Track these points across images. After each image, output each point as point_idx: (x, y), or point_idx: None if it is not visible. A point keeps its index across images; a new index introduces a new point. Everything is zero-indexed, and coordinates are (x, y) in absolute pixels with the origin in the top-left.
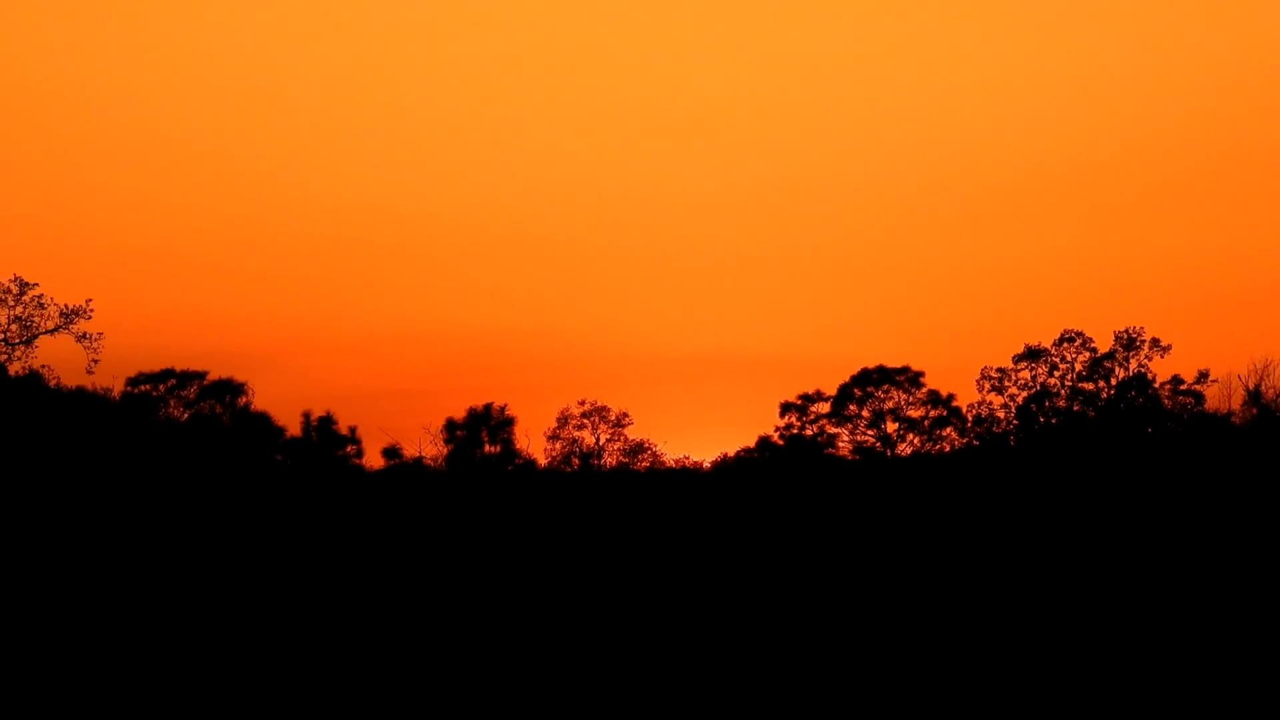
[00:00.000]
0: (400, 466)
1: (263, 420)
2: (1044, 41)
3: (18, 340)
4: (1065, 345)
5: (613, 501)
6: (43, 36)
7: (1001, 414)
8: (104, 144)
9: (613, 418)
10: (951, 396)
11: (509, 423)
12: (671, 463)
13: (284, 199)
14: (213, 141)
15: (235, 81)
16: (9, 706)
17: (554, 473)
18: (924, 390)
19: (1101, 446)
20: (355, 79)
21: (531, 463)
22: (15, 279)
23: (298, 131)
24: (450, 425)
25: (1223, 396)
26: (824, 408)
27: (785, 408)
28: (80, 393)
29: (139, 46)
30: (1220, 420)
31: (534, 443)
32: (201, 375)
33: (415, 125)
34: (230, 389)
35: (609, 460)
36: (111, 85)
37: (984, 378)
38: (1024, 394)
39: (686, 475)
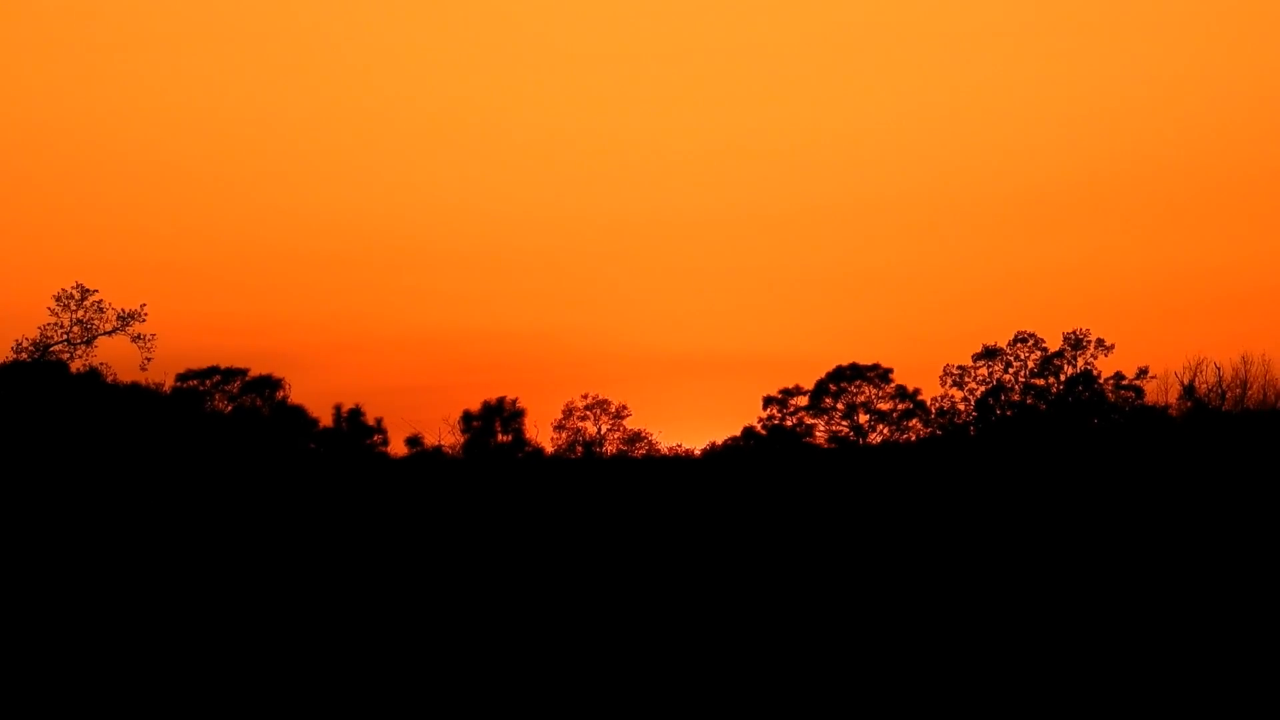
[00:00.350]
0: (422, 454)
1: (298, 412)
2: (1004, 70)
3: (79, 340)
4: (1019, 345)
5: (612, 485)
6: (107, 66)
7: (962, 407)
8: (159, 165)
9: (613, 410)
10: (917, 391)
11: (519, 415)
12: (666, 451)
13: (317, 216)
14: (258, 165)
15: (270, 111)
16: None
17: (560, 459)
18: (892, 385)
19: (1052, 436)
20: (381, 109)
21: (539, 450)
22: (77, 286)
23: (334, 158)
24: (467, 417)
25: (1161, 391)
26: (802, 401)
27: (767, 401)
28: (135, 387)
29: (192, 76)
30: (1158, 412)
31: (542, 432)
32: (243, 372)
33: (435, 152)
34: (269, 384)
35: (609, 448)
36: (160, 113)
37: (946, 374)
38: (982, 389)
39: (679, 462)
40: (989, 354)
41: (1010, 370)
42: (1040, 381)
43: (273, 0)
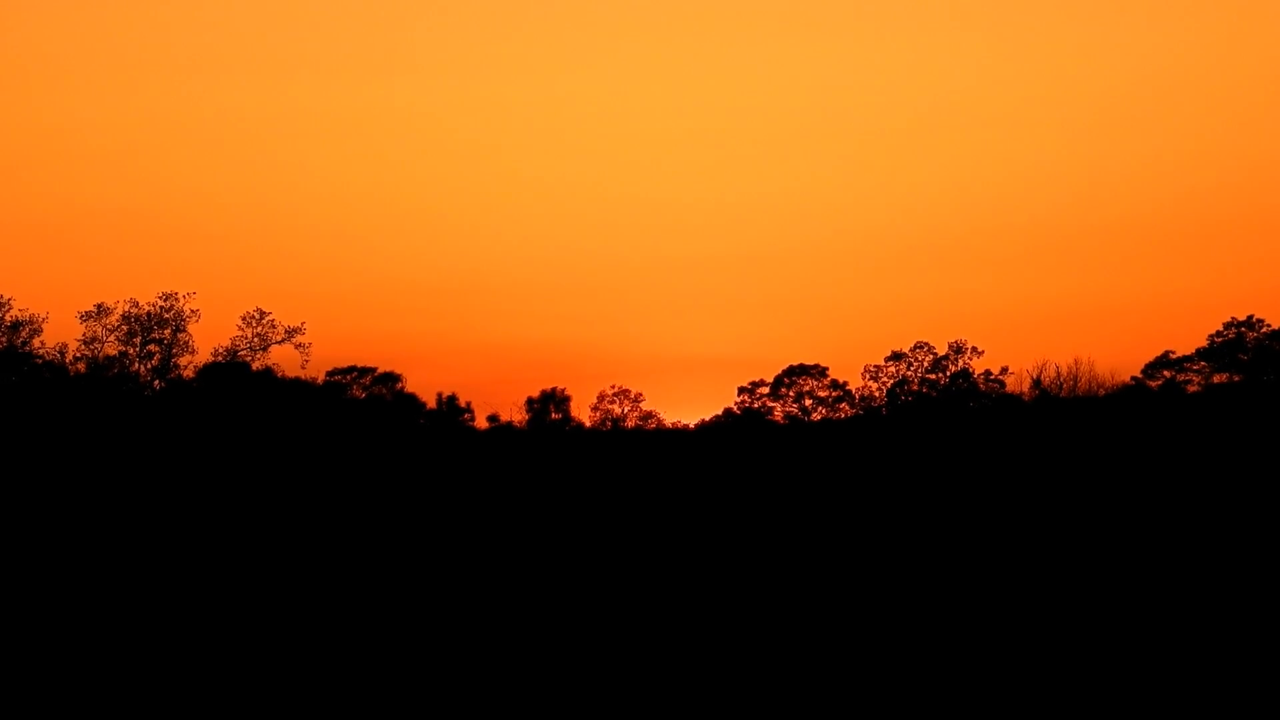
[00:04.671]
0: (498, 428)
1: (411, 399)
2: (893, 153)
3: (258, 348)
4: (918, 350)
5: (632, 449)
6: (283, 147)
7: (878, 395)
8: (316, 221)
9: (632, 396)
10: (846, 383)
11: (566, 400)
12: (670, 425)
13: (425, 257)
14: (385, 223)
15: (390, 184)
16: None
17: (595, 431)
18: (828, 379)
19: (939, 416)
20: (464, 176)
21: (581, 425)
22: (257, 309)
23: (435, 218)
24: (529, 401)
25: (1017, 383)
26: (765, 390)
27: (740, 390)
28: (296, 381)
29: (340, 158)
30: (1015, 399)
31: (582, 412)
32: (373, 370)
33: (506, 208)
34: (391, 378)
35: (629, 423)
36: (323, 185)
37: (866, 371)
38: (891, 382)
39: (679, 433)
40: (896, 357)
41: (911, 369)
42: (933, 377)
43: (402, 80)
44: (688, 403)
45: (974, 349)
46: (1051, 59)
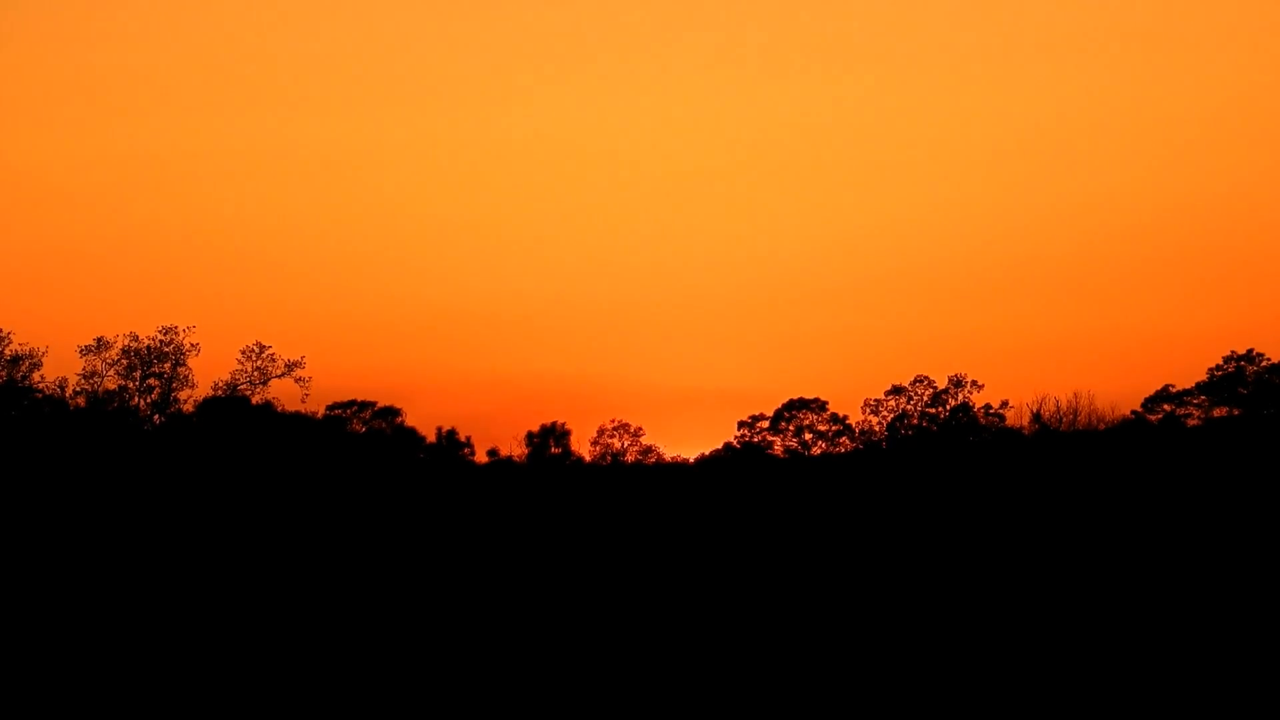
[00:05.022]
0: (498, 462)
1: (411, 433)
2: (893, 197)
3: (258, 382)
4: (917, 384)
5: (631, 483)
6: (285, 181)
7: (878, 429)
8: (314, 260)
9: (632, 430)
10: (846, 417)
11: (567, 434)
12: (669, 459)
13: (425, 294)
14: (386, 261)
15: (384, 228)
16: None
17: (595, 465)
18: (828, 413)
19: (939, 449)
20: (465, 216)
21: (581, 459)
22: (257, 343)
23: (437, 255)
24: (530, 435)
25: (1016, 417)
26: (765, 424)
27: (740, 424)
28: (296, 415)
29: (341, 200)
30: (1014, 432)
31: (582, 446)
32: (373, 404)
33: (505, 246)
34: (391, 412)
35: (629, 457)
36: (320, 224)
37: (866, 405)
38: (891, 416)
39: (679, 467)
40: (896, 391)
41: (911, 402)
42: (933, 411)
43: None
44: (688, 437)
45: (974, 383)
46: (1045, 95)
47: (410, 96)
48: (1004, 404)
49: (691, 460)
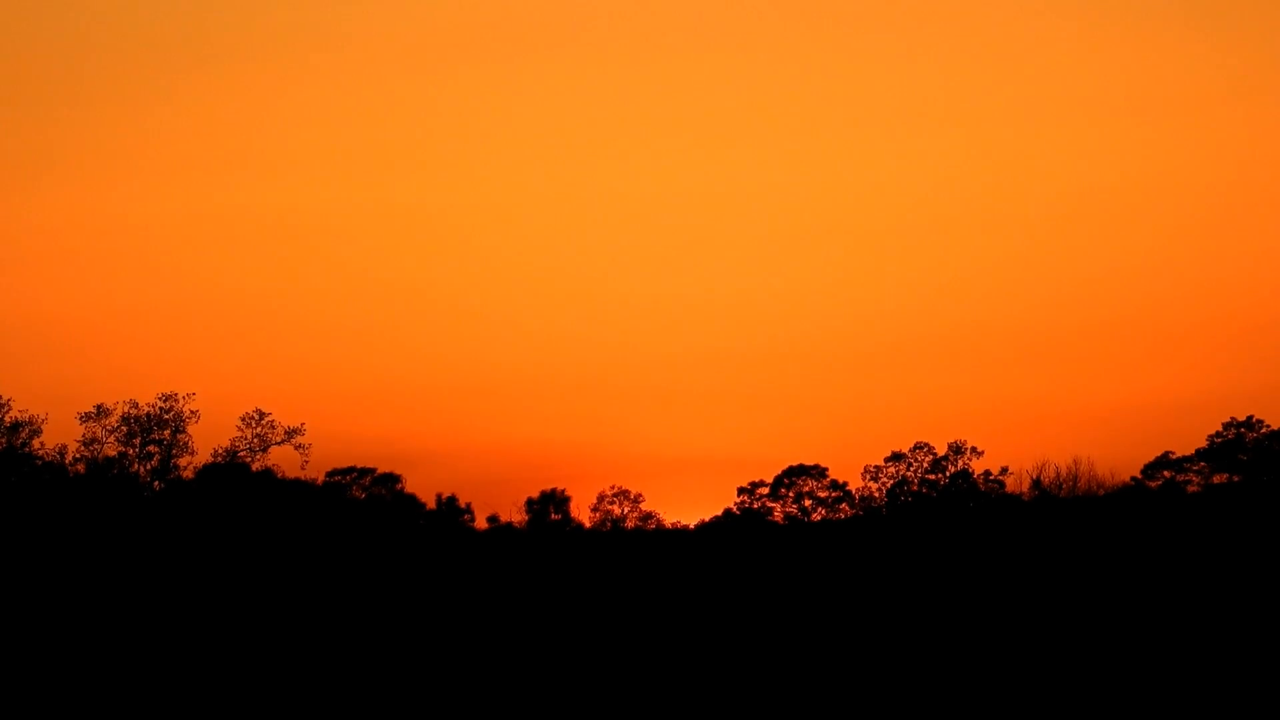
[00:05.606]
0: (499, 528)
1: (411, 499)
2: (889, 260)
3: (257, 449)
4: (917, 451)
5: (632, 549)
6: (285, 257)
7: (878, 495)
8: (311, 327)
9: (632, 497)
10: (846, 483)
11: (567, 500)
12: (669, 525)
13: (422, 361)
14: (382, 331)
15: (382, 295)
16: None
17: (595, 532)
18: (828, 480)
19: (939, 516)
20: (453, 290)
21: (581, 525)
22: (256, 410)
23: (434, 323)
24: (529, 502)
25: (1016, 484)
26: (765, 490)
27: (740, 490)
28: (296, 482)
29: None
30: (1015, 499)
31: (582, 512)
32: (373, 470)
33: (504, 315)
34: (391, 479)
35: (629, 524)
36: (322, 292)
37: (866, 472)
38: (891, 482)
39: (679, 533)
40: (896, 457)
41: (911, 469)
42: (932, 477)
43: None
44: (687, 503)
45: (973, 449)
46: (1050, 159)
47: (410, 164)
48: (1004, 470)
49: (692, 526)
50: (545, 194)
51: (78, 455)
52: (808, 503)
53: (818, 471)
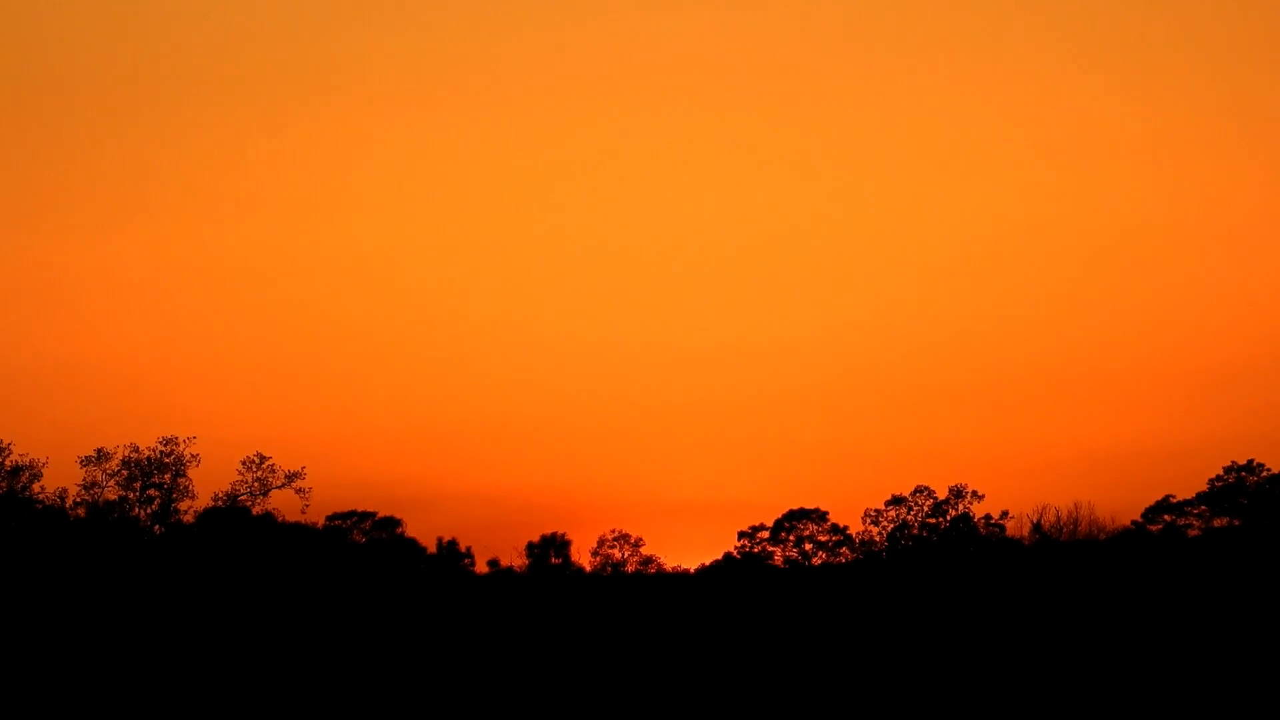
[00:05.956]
0: (499, 572)
1: (411, 543)
2: (893, 307)
3: (258, 492)
4: (918, 494)
5: (632, 593)
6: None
7: (878, 539)
8: (314, 373)
9: (632, 541)
10: (846, 528)
11: (567, 544)
12: (670, 569)
13: (423, 407)
14: (381, 375)
15: (381, 341)
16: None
17: (596, 575)
18: (828, 523)
19: (940, 560)
20: (456, 337)
21: (581, 569)
22: (257, 454)
23: (431, 369)
24: (530, 545)
25: (1017, 528)
26: (765, 534)
27: (740, 534)
28: (297, 526)
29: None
30: (1015, 543)
31: (583, 557)
32: (373, 514)
33: (504, 359)
34: (391, 523)
35: (630, 567)
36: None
37: (866, 515)
38: (891, 526)
39: (679, 577)
40: (896, 501)
41: (912, 512)
42: (933, 521)
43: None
44: (688, 547)
45: (974, 493)
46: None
47: (410, 206)
48: (1004, 514)
49: (692, 570)
50: (547, 240)
51: (78, 499)
52: (808, 546)
53: (818, 515)
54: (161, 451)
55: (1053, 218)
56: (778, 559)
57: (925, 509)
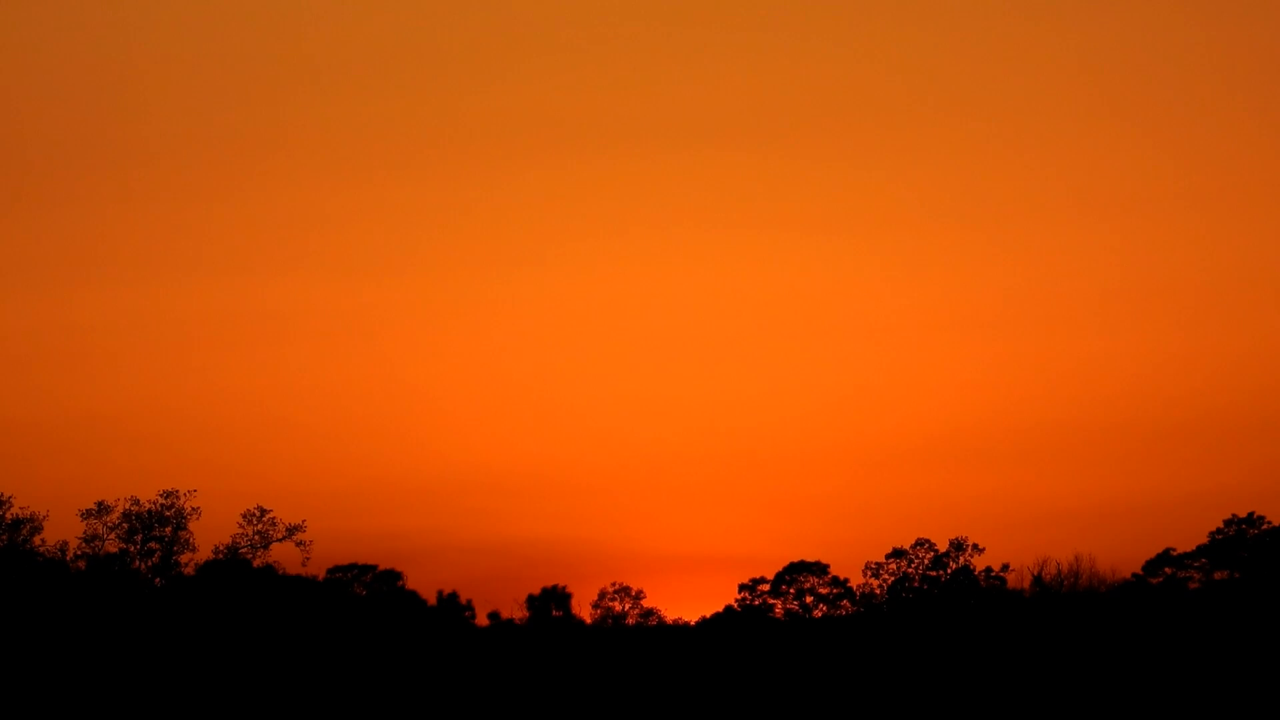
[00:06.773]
0: (500, 624)
1: (412, 596)
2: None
3: (259, 545)
4: (918, 547)
5: (633, 645)
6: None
7: (879, 591)
8: (313, 426)
9: (634, 593)
10: (847, 580)
11: (568, 597)
12: (671, 621)
13: (423, 463)
14: (383, 433)
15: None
16: None
17: (597, 628)
18: (829, 576)
19: (941, 613)
20: (459, 389)
21: (582, 622)
22: (258, 507)
23: (429, 423)
24: (531, 598)
25: (1017, 580)
26: (766, 587)
27: (741, 587)
28: (298, 578)
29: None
30: (1016, 594)
31: (584, 609)
32: (374, 567)
33: (503, 415)
34: (392, 576)
35: (631, 620)
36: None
37: (867, 568)
38: (892, 579)
39: (680, 630)
40: (897, 554)
41: (912, 565)
42: (934, 574)
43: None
44: (689, 599)
45: (975, 546)
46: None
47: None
48: (1005, 567)
49: (693, 623)
50: (546, 293)
51: (79, 552)
52: (809, 599)
53: (819, 568)
54: (162, 504)
55: (1051, 275)
56: (779, 611)
57: (926, 562)
